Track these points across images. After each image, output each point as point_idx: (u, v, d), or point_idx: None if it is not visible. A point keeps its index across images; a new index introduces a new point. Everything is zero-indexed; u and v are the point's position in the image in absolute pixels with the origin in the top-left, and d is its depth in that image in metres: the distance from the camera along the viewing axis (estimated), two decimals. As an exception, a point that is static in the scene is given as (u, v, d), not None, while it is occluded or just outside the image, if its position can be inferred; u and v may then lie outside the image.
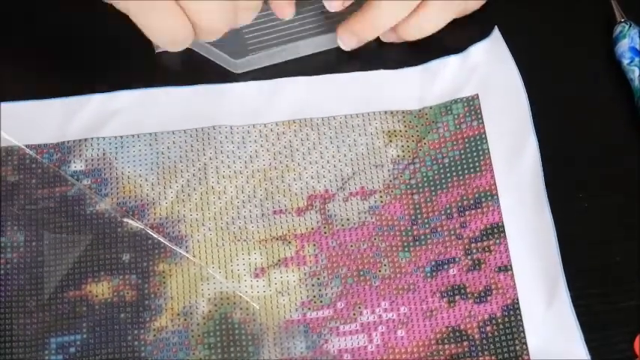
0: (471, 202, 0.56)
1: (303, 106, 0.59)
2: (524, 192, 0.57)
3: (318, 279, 0.55)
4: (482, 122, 0.58)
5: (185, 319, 0.54)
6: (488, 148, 0.58)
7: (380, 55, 0.61)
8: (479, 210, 0.56)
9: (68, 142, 0.57)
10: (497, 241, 0.55)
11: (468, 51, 0.60)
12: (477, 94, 0.59)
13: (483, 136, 0.58)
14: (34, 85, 0.59)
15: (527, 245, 0.55)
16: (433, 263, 0.55)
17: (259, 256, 0.55)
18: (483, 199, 0.56)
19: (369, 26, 0.60)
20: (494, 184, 0.57)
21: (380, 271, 0.55)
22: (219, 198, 0.57)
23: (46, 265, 0.54)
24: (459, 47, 0.60)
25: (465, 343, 0.53)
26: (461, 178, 0.57)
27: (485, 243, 0.55)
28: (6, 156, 0.56)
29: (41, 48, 0.59)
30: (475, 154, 0.58)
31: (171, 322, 0.53)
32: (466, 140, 0.58)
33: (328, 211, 0.57)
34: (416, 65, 0.60)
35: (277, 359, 0.53)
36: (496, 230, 0.56)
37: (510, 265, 0.55)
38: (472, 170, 0.57)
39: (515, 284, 0.54)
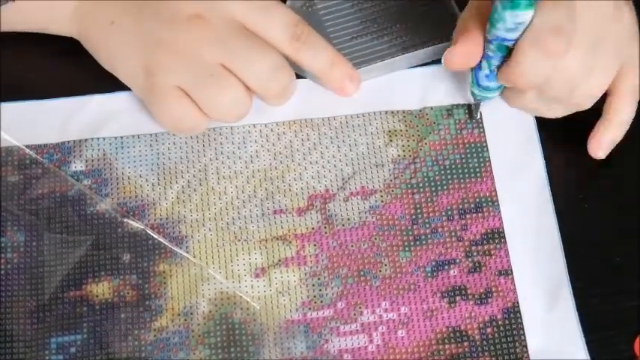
0: (472, 205, 0.56)
1: (304, 106, 0.59)
2: (527, 201, 0.56)
3: (319, 279, 0.55)
4: (484, 131, 0.58)
5: (185, 320, 0.54)
6: (489, 157, 0.58)
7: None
8: (479, 214, 0.56)
9: (68, 142, 0.57)
10: (498, 245, 0.55)
11: None
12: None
13: (484, 144, 0.58)
14: (35, 85, 0.59)
15: (529, 251, 0.55)
16: (434, 263, 0.55)
17: (260, 256, 0.55)
18: (484, 204, 0.56)
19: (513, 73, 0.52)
20: (495, 190, 0.57)
21: (380, 270, 0.55)
22: (219, 198, 0.57)
23: (46, 265, 0.54)
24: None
25: (466, 344, 0.53)
26: (462, 181, 0.57)
27: (485, 247, 0.55)
28: (6, 156, 0.56)
29: (41, 47, 0.59)
30: (475, 160, 0.58)
31: (171, 322, 0.54)
32: (467, 146, 0.58)
33: (329, 210, 0.57)
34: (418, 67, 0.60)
35: (277, 359, 0.53)
36: (496, 235, 0.56)
37: (511, 270, 0.55)
38: (472, 175, 0.57)
39: (515, 288, 0.54)
